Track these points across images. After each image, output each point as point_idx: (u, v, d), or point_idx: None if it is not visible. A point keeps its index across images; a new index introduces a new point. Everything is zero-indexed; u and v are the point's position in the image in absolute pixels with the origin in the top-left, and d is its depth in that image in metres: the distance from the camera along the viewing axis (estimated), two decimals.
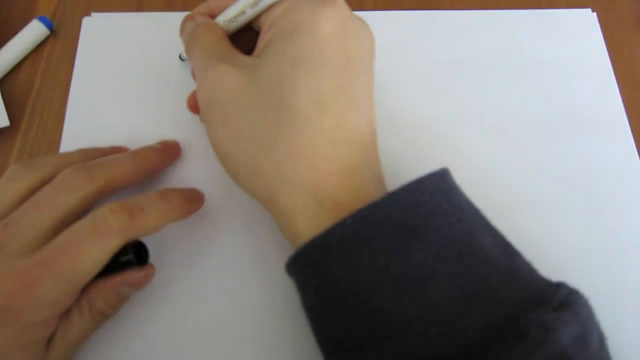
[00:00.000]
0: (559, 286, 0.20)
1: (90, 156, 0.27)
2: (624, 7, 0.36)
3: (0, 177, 0.25)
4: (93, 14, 0.35)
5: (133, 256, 0.23)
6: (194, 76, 0.28)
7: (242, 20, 0.25)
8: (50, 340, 0.23)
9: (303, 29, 0.21)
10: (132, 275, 0.23)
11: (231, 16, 0.25)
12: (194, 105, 0.28)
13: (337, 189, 0.21)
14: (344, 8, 0.22)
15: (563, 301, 0.19)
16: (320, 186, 0.21)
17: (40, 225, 0.22)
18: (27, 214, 0.23)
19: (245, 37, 0.26)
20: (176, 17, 0.35)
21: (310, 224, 0.21)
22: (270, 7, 0.24)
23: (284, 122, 0.21)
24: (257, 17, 0.25)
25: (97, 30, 0.34)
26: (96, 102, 0.32)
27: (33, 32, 0.34)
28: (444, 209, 0.20)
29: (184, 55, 0.31)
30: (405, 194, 0.20)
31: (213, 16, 0.26)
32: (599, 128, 0.31)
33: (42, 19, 0.34)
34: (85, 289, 0.23)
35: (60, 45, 0.35)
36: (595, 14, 0.35)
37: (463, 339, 0.18)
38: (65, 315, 0.23)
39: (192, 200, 0.26)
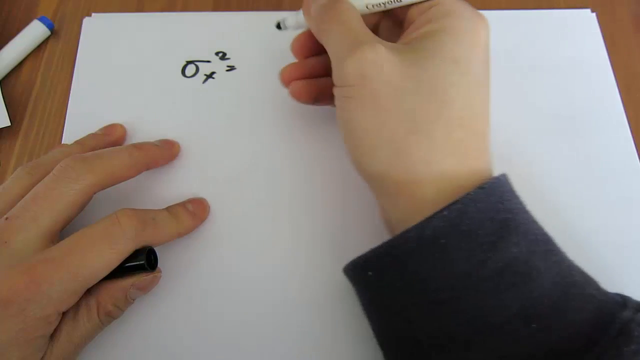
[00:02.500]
0: (622, 295, 0.21)
1: (88, 146, 0.28)
2: (623, 8, 0.36)
3: (9, 178, 0.25)
4: (93, 14, 0.35)
5: (145, 261, 0.24)
6: (299, 50, 0.28)
7: (379, 9, 0.25)
8: (54, 339, 0.23)
9: (467, 34, 0.22)
10: (143, 279, 0.24)
11: (375, 2, 0.25)
12: (288, 77, 0.28)
13: (475, 187, 0.21)
14: (489, 32, 0.23)
15: (638, 304, 0.20)
16: (462, 184, 0.21)
17: (42, 219, 0.23)
18: (27, 208, 0.23)
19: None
20: (176, 18, 0.35)
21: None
22: (422, 4, 0.24)
23: (443, 115, 0.21)
24: (399, 8, 0.25)
25: (97, 31, 0.34)
26: (97, 102, 0.32)
27: (34, 32, 0.34)
28: (521, 207, 0.21)
29: (290, 24, 0.28)
30: (493, 189, 0.20)
31: None
32: (599, 128, 0.31)
33: (42, 19, 0.34)
34: (90, 289, 0.23)
35: (60, 45, 0.35)
36: (594, 14, 0.35)
37: (563, 334, 0.19)
38: (72, 315, 0.23)
39: (198, 217, 0.28)
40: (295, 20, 0.28)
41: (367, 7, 0.25)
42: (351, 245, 0.28)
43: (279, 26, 0.29)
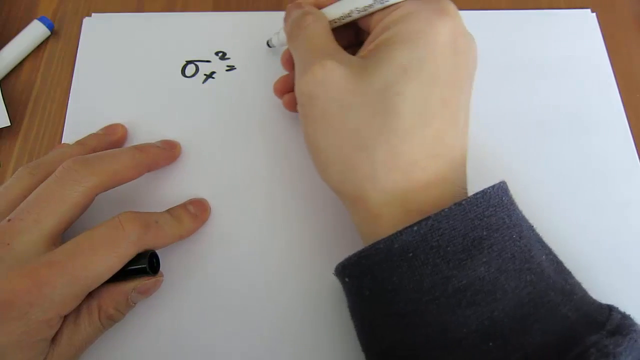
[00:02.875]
0: (611, 309, 0.20)
1: (89, 146, 0.28)
2: (623, 8, 0.36)
3: (10, 177, 0.25)
4: (93, 15, 0.35)
5: (147, 265, 0.24)
6: (286, 64, 0.28)
7: (347, 20, 0.25)
8: (55, 342, 0.23)
9: (419, 38, 0.21)
10: (145, 283, 0.24)
11: (338, 16, 0.25)
12: (280, 90, 0.29)
13: (425, 199, 0.21)
14: (459, 21, 0.23)
15: (618, 326, 0.19)
16: (410, 195, 0.21)
17: (44, 221, 0.23)
18: (30, 210, 0.23)
19: (342, 34, 0.26)
20: (176, 18, 0.35)
21: (393, 230, 0.21)
22: (382, 11, 0.23)
23: (386, 128, 0.21)
24: (364, 17, 0.25)
25: (97, 31, 0.34)
26: (97, 102, 0.32)
27: (34, 32, 0.34)
28: (506, 223, 0.20)
29: (275, 42, 0.31)
30: (471, 206, 0.20)
31: (319, 8, 0.26)
32: (599, 128, 0.31)
33: (42, 20, 0.34)
34: (92, 293, 0.23)
35: (60, 45, 0.35)
36: (594, 14, 0.35)
37: (519, 355, 0.18)
38: (74, 318, 0.23)
39: (199, 218, 0.28)
40: (277, 39, 0.30)
41: (335, 20, 0.25)
42: (355, 246, 0.28)
43: (268, 44, 0.32)
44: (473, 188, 0.22)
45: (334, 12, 0.25)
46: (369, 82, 0.21)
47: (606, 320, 0.19)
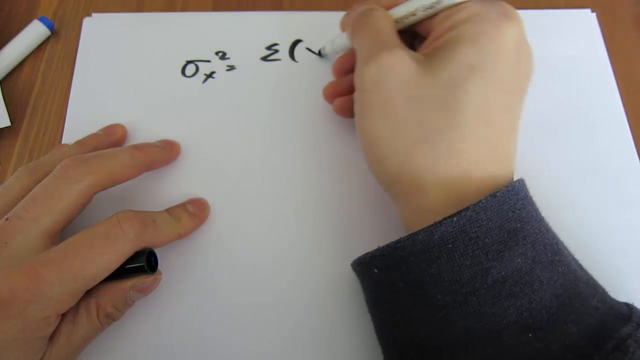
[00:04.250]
0: (626, 304, 0.21)
1: (89, 146, 0.28)
2: (623, 7, 0.36)
3: (10, 177, 0.25)
4: (93, 15, 0.35)
5: (145, 263, 0.24)
6: (338, 72, 0.29)
7: (409, 21, 0.25)
8: (53, 340, 0.23)
9: (486, 39, 0.22)
10: (143, 281, 0.24)
11: (403, 14, 0.25)
12: (331, 94, 0.29)
13: (480, 197, 0.21)
14: (522, 28, 0.23)
15: None
16: (467, 194, 0.21)
17: (43, 220, 0.23)
18: (28, 208, 0.23)
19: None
20: (176, 18, 0.35)
21: None
22: (445, 12, 0.24)
23: (451, 123, 0.21)
24: (423, 21, 0.25)
25: (97, 31, 0.34)
26: (97, 102, 0.32)
27: (34, 32, 0.34)
28: (534, 216, 0.21)
29: (329, 50, 0.31)
30: (504, 198, 0.20)
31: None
32: (599, 128, 0.31)
33: (42, 20, 0.34)
34: (90, 291, 0.23)
35: (61, 45, 0.35)
36: (594, 14, 0.35)
37: (559, 346, 0.19)
38: (72, 316, 0.23)
39: (198, 218, 0.28)
40: (331, 46, 0.31)
41: (398, 20, 0.25)
42: (352, 246, 0.28)
43: (319, 54, 0.33)
44: None
45: (399, 10, 0.25)
46: (436, 77, 0.22)
47: (630, 314, 0.20)
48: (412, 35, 0.27)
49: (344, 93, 0.29)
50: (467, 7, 0.23)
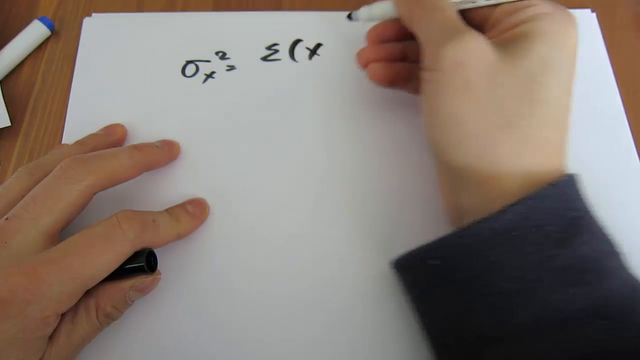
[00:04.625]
0: None
1: (89, 146, 0.28)
2: (623, 8, 0.36)
3: (10, 178, 0.25)
4: (93, 15, 0.35)
5: (145, 263, 0.24)
6: (374, 39, 0.28)
7: (469, 6, 0.25)
8: (53, 340, 0.23)
9: (558, 38, 0.22)
10: (142, 281, 0.24)
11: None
12: (366, 59, 0.28)
13: (547, 184, 0.22)
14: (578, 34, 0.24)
15: None
16: (544, 180, 0.21)
17: (42, 220, 0.23)
18: (27, 208, 0.23)
19: None
20: (176, 18, 0.35)
21: None
22: (510, 5, 0.24)
23: (534, 114, 0.22)
24: (482, 9, 0.25)
25: (97, 31, 0.34)
26: (97, 102, 0.32)
27: (34, 32, 0.34)
28: (589, 207, 0.21)
29: (364, 16, 0.29)
30: (564, 187, 0.21)
31: None
32: (599, 128, 0.31)
33: (43, 20, 0.34)
34: (89, 291, 0.23)
35: (61, 45, 0.35)
36: (594, 14, 0.35)
37: (630, 334, 0.19)
38: (71, 316, 0.23)
39: (198, 218, 0.28)
40: (368, 12, 0.28)
41: (460, 4, 0.25)
42: (352, 247, 0.28)
43: (349, 17, 0.29)
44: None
45: None
46: (517, 66, 0.22)
47: None
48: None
49: (378, 60, 0.28)
50: (537, 5, 0.23)
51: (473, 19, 0.26)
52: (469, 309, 0.22)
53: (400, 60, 0.28)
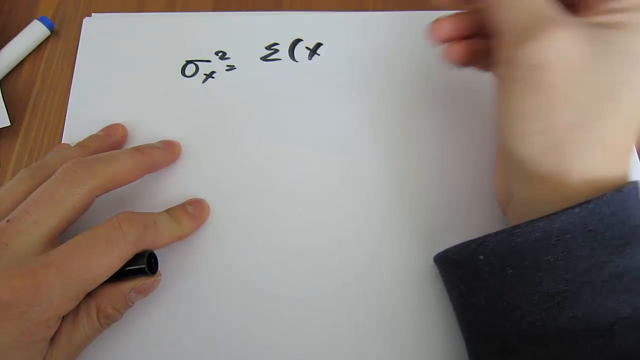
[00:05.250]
0: None
1: (91, 148, 0.28)
2: None
3: (12, 179, 0.25)
4: (93, 14, 0.35)
5: (146, 265, 0.24)
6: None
7: None
8: (54, 342, 0.23)
9: None
10: (143, 283, 0.24)
11: None
12: (443, 35, 0.26)
13: (611, 190, 0.21)
14: None
15: None
16: (612, 182, 0.21)
17: (44, 223, 0.23)
18: (29, 211, 0.23)
19: None
20: (176, 18, 0.35)
21: None
22: None
23: (614, 115, 0.21)
24: None
25: (97, 31, 0.34)
26: (97, 102, 0.32)
27: (34, 32, 0.34)
28: None
29: None
30: (629, 195, 0.20)
31: None
32: None
33: (42, 19, 0.34)
34: (90, 292, 0.23)
35: (60, 45, 0.35)
36: None
37: None
38: (72, 318, 0.23)
39: (198, 219, 0.28)
40: None
41: None
42: (351, 247, 0.28)
43: None
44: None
45: None
46: (605, 64, 0.20)
47: None
48: None
49: (457, 37, 0.26)
50: None
51: None
52: (512, 307, 0.21)
53: (477, 33, 0.26)
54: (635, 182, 0.21)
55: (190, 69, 0.33)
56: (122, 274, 0.24)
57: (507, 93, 0.22)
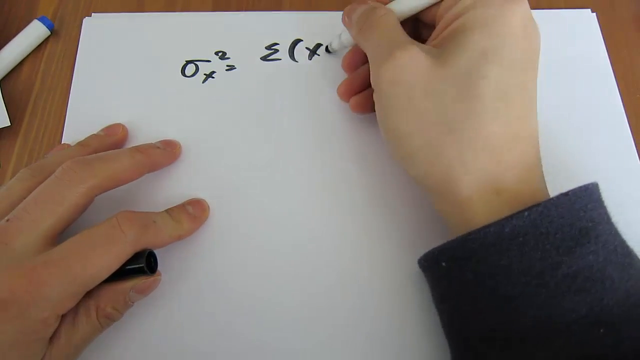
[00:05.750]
0: None
1: (91, 147, 0.28)
2: (623, 8, 0.36)
3: (13, 178, 0.25)
4: (93, 14, 0.35)
5: (145, 264, 0.24)
6: (348, 67, 0.30)
7: (414, 11, 0.26)
8: (53, 342, 0.23)
9: (494, 23, 0.22)
10: (142, 282, 0.24)
11: (405, 11, 0.26)
12: (345, 93, 0.29)
13: (515, 181, 0.22)
14: (527, 7, 0.23)
15: None
16: (499, 177, 0.22)
17: (43, 222, 0.23)
18: (28, 210, 0.23)
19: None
20: (176, 18, 0.35)
21: (486, 213, 0.22)
22: (447, 1, 0.24)
23: (472, 111, 0.22)
24: (428, 9, 0.26)
25: (97, 31, 0.34)
26: (97, 102, 0.32)
27: (34, 32, 0.34)
28: (604, 219, 0.21)
29: (336, 46, 0.31)
30: (576, 198, 0.21)
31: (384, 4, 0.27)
32: (599, 128, 0.31)
33: (42, 19, 0.34)
34: (89, 292, 0.23)
35: (60, 45, 0.35)
36: (594, 14, 0.35)
37: (630, 345, 0.19)
38: (71, 317, 0.23)
39: (198, 219, 0.28)
40: (339, 41, 0.30)
41: (405, 11, 0.26)
42: (351, 248, 0.28)
43: (327, 50, 0.33)
44: None
45: (402, 7, 0.26)
46: (452, 66, 0.22)
47: None
48: (415, 22, 0.27)
49: (358, 89, 0.29)
50: None
51: (425, 21, 0.26)
52: (476, 311, 0.22)
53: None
54: (586, 185, 0.21)
55: (190, 69, 0.33)
56: (121, 274, 0.24)
57: (384, 118, 0.24)
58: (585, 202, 0.21)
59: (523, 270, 0.20)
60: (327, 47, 0.32)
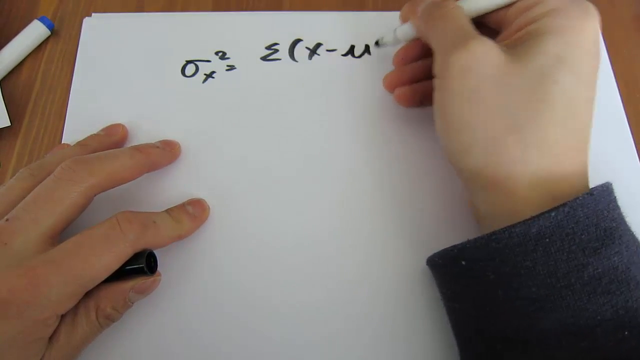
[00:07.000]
0: None
1: (90, 147, 0.28)
2: (623, 7, 0.36)
3: (12, 178, 0.25)
4: (93, 14, 0.35)
5: (145, 265, 0.24)
6: (401, 61, 0.30)
7: (482, 12, 0.26)
8: (53, 342, 0.23)
9: (571, 32, 0.22)
10: (142, 282, 0.24)
11: (479, 9, 0.25)
12: (391, 84, 0.30)
13: (569, 189, 0.22)
14: (599, 25, 0.23)
15: None
16: (557, 183, 0.22)
17: (43, 221, 0.23)
18: (28, 209, 0.23)
19: None
20: (176, 18, 0.35)
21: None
22: (521, 4, 0.24)
23: (541, 114, 0.21)
24: (494, 13, 0.26)
25: (97, 31, 0.34)
26: (97, 102, 0.32)
27: (34, 32, 0.34)
28: (624, 218, 0.21)
29: (389, 40, 0.31)
30: (600, 197, 0.21)
31: None
32: (599, 128, 0.31)
33: (42, 19, 0.34)
34: (89, 292, 0.23)
35: (60, 45, 0.35)
36: None
37: None
38: (71, 318, 0.23)
39: (198, 219, 0.28)
40: (393, 36, 0.30)
41: (472, 10, 0.26)
42: (351, 248, 0.28)
43: (377, 43, 0.32)
44: None
45: (475, 5, 0.26)
46: (525, 66, 0.22)
47: None
48: (477, 26, 0.27)
49: (403, 83, 0.30)
50: (546, 2, 0.23)
51: (489, 23, 0.26)
52: (495, 311, 0.22)
53: (425, 78, 0.29)
54: (604, 185, 0.21)
55: (190, 69, 0.33)
56: (121, 274, 0.24)
57: (444, 108, 0.24)
58: (608, 201, 0.21)
59: (548, 272, 0.20)
60: (377, 41, 0.32)
